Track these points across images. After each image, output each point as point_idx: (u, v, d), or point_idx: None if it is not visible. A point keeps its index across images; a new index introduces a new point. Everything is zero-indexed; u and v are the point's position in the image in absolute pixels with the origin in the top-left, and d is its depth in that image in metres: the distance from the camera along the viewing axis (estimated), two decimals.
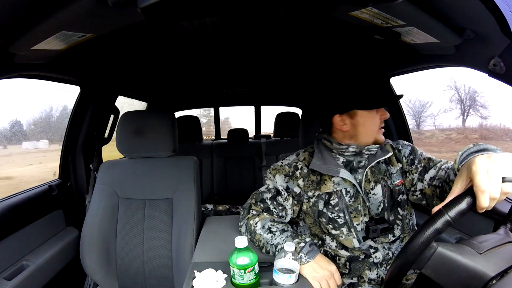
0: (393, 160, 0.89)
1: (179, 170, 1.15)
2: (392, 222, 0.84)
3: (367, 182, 0.85)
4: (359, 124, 0.83)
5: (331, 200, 0.83)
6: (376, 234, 0.81)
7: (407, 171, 0.87)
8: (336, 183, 0.84)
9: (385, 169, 0.87)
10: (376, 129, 0.84)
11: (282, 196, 0.88)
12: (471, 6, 0.58)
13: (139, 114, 1.25)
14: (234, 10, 0.79)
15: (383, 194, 0.84)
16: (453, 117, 2.75)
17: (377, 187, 0.84)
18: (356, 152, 0.85)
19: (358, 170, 0.86)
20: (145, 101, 2.49)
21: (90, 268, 1.06)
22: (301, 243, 0.73)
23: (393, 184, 0.86)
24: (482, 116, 2.60)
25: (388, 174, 0.87)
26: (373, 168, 0.86)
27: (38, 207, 1.17)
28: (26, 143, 2.24)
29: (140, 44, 1.22)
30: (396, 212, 0.85)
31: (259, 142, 2.45)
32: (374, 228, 0.80)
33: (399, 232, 0.85)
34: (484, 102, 2.56)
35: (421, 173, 0.83)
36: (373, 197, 0.84)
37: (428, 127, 2.85)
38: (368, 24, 0.75)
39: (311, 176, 0.87)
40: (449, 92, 2.66)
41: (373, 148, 0.85)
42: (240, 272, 0.64)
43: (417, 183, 0.84)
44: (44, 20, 0.62)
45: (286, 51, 1.45)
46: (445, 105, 2.74)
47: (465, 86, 2.57)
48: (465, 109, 2.64)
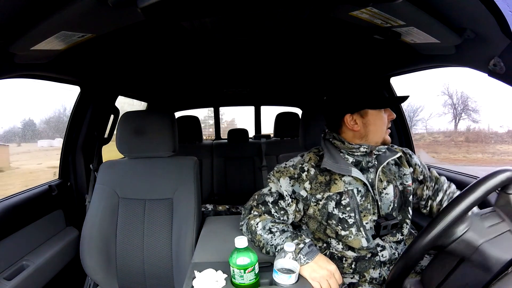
0: (404, 162, 0.92)
1: (179, 170, 1.15)
2: (401, 221, 0.86)
3: (380, 181, 0.86)
4: (370, 123, 0.84)
5: (342, 200, 0.83)
6: (387, 231, 0.82)
7: (420, 181, 0.94)
8: (347, 183, 0.84)
9: (395, 170, 0.90)
10: (385, 129, 0.86)
11: (286, 201, 0.87)
12: (471, 6, 0.58)
13: (139, 114, 1.25)
14: (234, 10, 0.79)
15: (394, 194, 0.86)
16: (446, 121, 2.83)
17: (389, 187, 0.86)
18: (367, 152, 0.86)
19: (369, 170, 0.87)
20: (145, 101, 2.49)
21: (90, 268, 1.06)
22: (300, 244, 0.73)
23: (404, 184, 0.88)
24: (474, 120, 2.66)
25: (400, 175, 0.90)
26: (384, 169, 0.88)
27: (38, 207, 1.17)
28: (41, 141, 2.28)
29: (140, 44, 1.22)
30: (407, 211, 0.87)
31: (259, 142, 2.45)
32: (384, 224, 0.81)
33: (408, 231, 0.87)
34: (476, 106, 2.63)
35: (434, 194, 0.93)
36: (385, 197, 0.85)
37: (419, 130, 2.96)
38: (368, 24, 0.75)
39: (319, 177, 0.86)
40: (442, 97, 2.76)
41: (382, 148, 0.86)
42: (240, 272, 0.64)
43: (429, 200, 0.94)
44: (44, 20, 0.62)
45: (286, 51, 1.45)
46: (438, 109, 2.84)
47: (458, 92, 2.65)
48: (457, 114, 2.71)
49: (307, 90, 2.44)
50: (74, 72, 1.20)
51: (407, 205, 0.87)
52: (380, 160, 0.86)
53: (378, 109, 0.84)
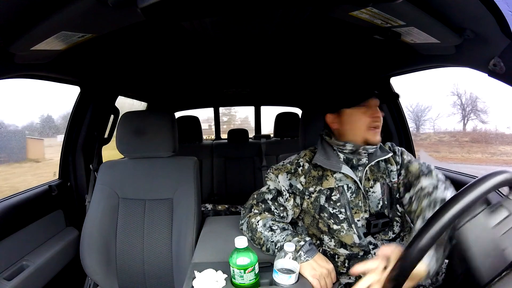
0: (391, 159, 0.91)
1: (179, 170, 1.15)
2: (392, 219, 0.85)
3: (367, 180, 0.87)
4: (346, 122, 0.86)
5: (332, 195, 0.85)
6: (378, 229, 0.83)
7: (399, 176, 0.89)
8: (338, 179, 0.86)
9: (385, 167, 0.89)
10: (364, 128, 0.84)
11: (283, 197, 0.89)
12: (471, 6, 0.58)
13: (139, 114, 1.25)
14: (234, 10, 0.79)
15: (382, 192, 0.86)
16: (455, 121, 2.83)
17: (376, 185, 0.86)
18: (353, 150, 0.87)
19: (359, 168, 0.87)
20: (145, 101, 2.49)
21: (90, 268, 1.06)
22: (301, 242, 0.74)
23: (392, 181, 0.88)
24: (482, 121, 2.66)
25: (387, 172, 0.89)
26: (372, 167, 0.88)
27: (38, 207, 1.17)
28: (60, 136, 2.38)
29: (140, 44, 1.22)
30: (395, 209, 0.87)
31: (259, 142, 2.45)
32: (375, 222, 0.81)
33: (398, 229, 0.86)
34: (484, 107, 2.63)
35: (405, 189, 0.85)
36: (373, 195, 0.86)
37: (427, 130, 2.97)
38: (368, 24, 0.75)
39: (312, 171, 0.89)
40: (451, 98, 2.76)
41: (370, 148, 0.86)
42: (240, 272, 0.64)
43: (404, 197, 0.85)
44: (44, 20, 0.62)
45: (286, 51, 1.45)
46: (448, 110, 2.84)
47: (467, 92, 2.64)
48: (465, 114, 2.71)
49: (307, 90, 2.44)
50: (74, 72, 1.20)
51: (394, 203, 0.87)
52: (371, 159, 0.87)
53: (353, 108, 0.84)
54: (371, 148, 0.86)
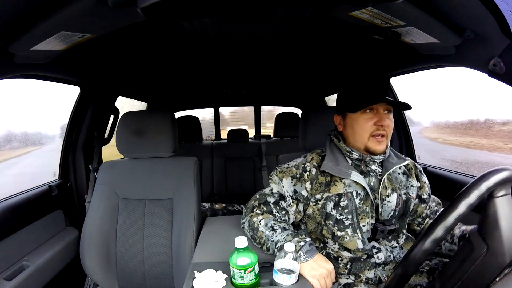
0: (413, 175, 0.91)
1: (179, 171, 1.15)
2: (398, 230, 0.85)
3: (384, 188, 0.84)
4: (349, 126, 0.86)
5: (341, 202, 0.83)
6: (383, 235, 0.82)
7: (423, 200, 0.92)
8: (347, 185, 0.84)
9: (403, 180, 0.89)
10: (366, 135, 0.81)
11: (286, 202, 0.87)
12: (471, 6, 0.58)
13: (139, 114, 1.25)
14: (234, 10, 0.79)
15: (397, 203, 0.84)
16: None
17: (393, 195, 0.84)
18: (359, 159, 0.86)
19: (370, 174, 0.86)
20: (145, 101, 2.49)
21: (90, 268, 1.06)
22: (301, 242, 0.74)
23: (409, 195, 0.87)
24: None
25: (406, 185, 0.88)
26: (390, 176, 0.86)
27: (38, 208, 1.17)
28: None
29: (140, 44, 1.21)
30: (405, 221, 0.87)
31: (259, 142, 2.45)
32: (382, 228, 0.81)
33: (403, 241, 0.87)
34: None
35: (432, 214, 0.93)
36: (387, 204, 0.84)
37: None
38: (368, 24, 0.75)
39: (319, 177, 0.86)
40: None
41: (377, 158, 0.85)
42: (240, 272, 0.64)
43: (427, 219, 0.93)
44: (44, 20, 0.62)
45: (286, 51, 1.45)
46: None
47: None
48: None
49: (307, 90, 2.44)
50: (74, 72, 1.20)
51: (406, 216, 0.87)
52: (387, 167, 0.85)
53: (356, 113, 0.83)
54: (378, 158, 0.85)
